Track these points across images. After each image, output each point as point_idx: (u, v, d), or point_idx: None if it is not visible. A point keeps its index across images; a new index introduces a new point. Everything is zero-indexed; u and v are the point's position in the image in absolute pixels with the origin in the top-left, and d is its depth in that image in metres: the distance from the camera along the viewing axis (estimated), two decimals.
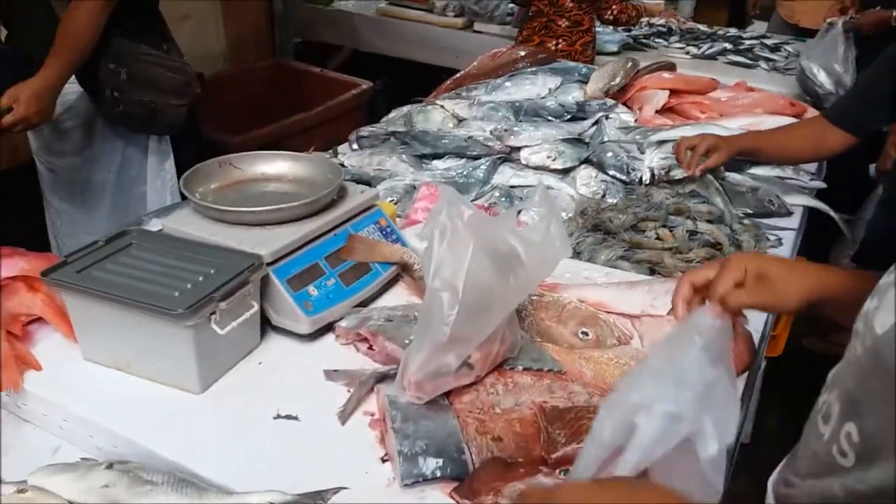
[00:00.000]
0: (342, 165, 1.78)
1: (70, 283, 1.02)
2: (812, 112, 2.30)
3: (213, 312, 0.98)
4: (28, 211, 2.29)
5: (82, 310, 1.03)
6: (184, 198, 1.21)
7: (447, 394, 0.97)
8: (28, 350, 1.07)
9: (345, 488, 0.83)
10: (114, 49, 1.89)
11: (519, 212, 1.58)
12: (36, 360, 1.05)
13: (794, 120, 2.14)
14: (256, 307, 1.07)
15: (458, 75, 2.49)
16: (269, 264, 1.09)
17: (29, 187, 2.22)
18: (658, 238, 1.47)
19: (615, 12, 3.05)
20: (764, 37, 3.47)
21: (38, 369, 1.04)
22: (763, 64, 3.14)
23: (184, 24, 3.56)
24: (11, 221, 1.86)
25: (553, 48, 2.96)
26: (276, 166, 1.35)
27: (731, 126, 2.01)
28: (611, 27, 3.33)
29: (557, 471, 0.85)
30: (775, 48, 3.28)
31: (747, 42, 3.32)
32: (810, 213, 1.78)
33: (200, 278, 1.02)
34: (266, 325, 1.13)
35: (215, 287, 0.99)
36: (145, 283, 1.01)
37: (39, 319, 1.12)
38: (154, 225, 1.30)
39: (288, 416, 0.96)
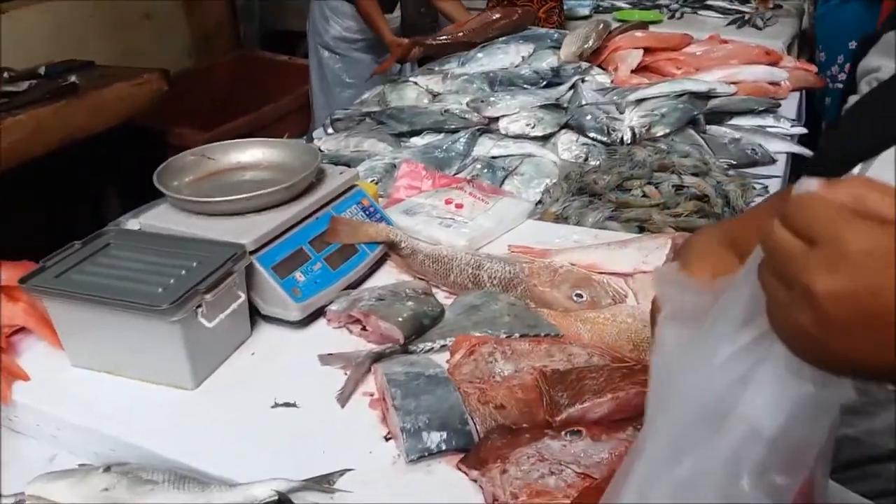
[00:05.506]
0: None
1: (49, 289, 0.99)
2: (789, 61, 2.28)
3: (200, 305, 0.96)
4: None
5: (65, 315, 1.01)
6: (158, 195, 1.18)
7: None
8: (14, 361, 1.04)
9: (350, 469, 0.82)
10: None
11: (503, 180, 1.58)
12: (23, 370, 1.03)
13: (770, 68, 2.13)
14: (243, 297, 1.04)
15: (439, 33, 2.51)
16: (251, 252, 1.07)
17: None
18: (644, 195, 1.46)
19: None
20: None
21: (25, 380, 1.02)
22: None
23: (145, 23, 3.50)
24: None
25: None
26: (251, 154, 1.32)
27: (709, 79, 1.99)
28: None
29: (563, 433, 0.84)
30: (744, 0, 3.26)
31: None
32: (794, 158, 1.77)
33: (183, 272, 0.99)
34: (255, 315, 1.11)
35: (199, 279, 0.96)
36: (127, 281, 0.98)
37: (23, 329, 1.10)
38: (131, 224, 1.27)
39: (286, 404, 0.94)
